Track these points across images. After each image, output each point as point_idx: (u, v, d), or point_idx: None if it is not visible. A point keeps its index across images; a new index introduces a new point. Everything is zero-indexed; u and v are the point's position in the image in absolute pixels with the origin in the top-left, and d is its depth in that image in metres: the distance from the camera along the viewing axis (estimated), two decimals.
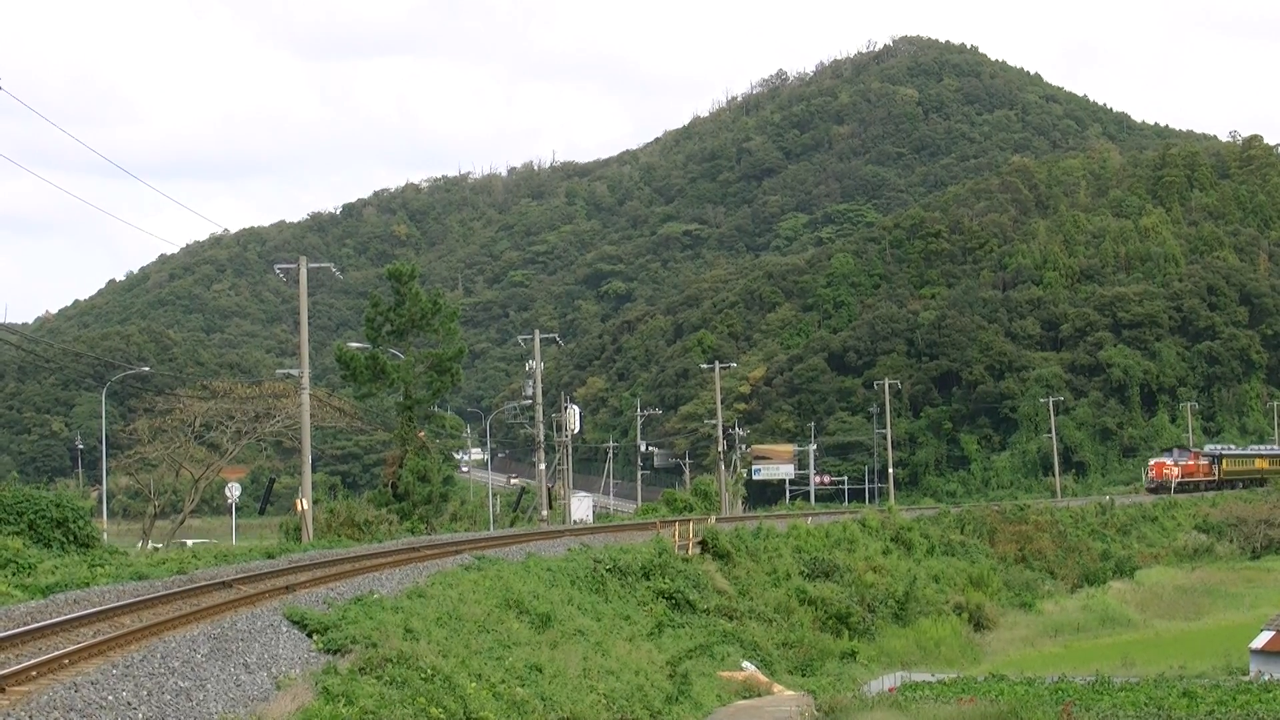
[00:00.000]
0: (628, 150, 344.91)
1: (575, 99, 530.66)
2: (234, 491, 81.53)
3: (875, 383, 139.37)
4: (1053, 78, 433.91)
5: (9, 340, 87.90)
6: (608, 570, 44.24)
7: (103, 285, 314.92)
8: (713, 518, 65.58)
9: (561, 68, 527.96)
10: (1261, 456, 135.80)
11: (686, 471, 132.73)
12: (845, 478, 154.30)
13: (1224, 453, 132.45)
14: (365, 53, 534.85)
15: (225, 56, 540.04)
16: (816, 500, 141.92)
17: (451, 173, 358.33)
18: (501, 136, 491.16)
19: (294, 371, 58.44)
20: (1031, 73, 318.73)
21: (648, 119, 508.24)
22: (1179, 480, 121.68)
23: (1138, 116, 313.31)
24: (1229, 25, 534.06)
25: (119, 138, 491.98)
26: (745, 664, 42.72)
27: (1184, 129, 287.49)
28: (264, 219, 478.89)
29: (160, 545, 54.84)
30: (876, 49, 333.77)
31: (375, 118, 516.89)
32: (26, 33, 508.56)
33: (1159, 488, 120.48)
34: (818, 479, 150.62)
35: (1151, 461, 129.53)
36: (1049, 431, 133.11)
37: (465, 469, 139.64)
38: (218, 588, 28.73)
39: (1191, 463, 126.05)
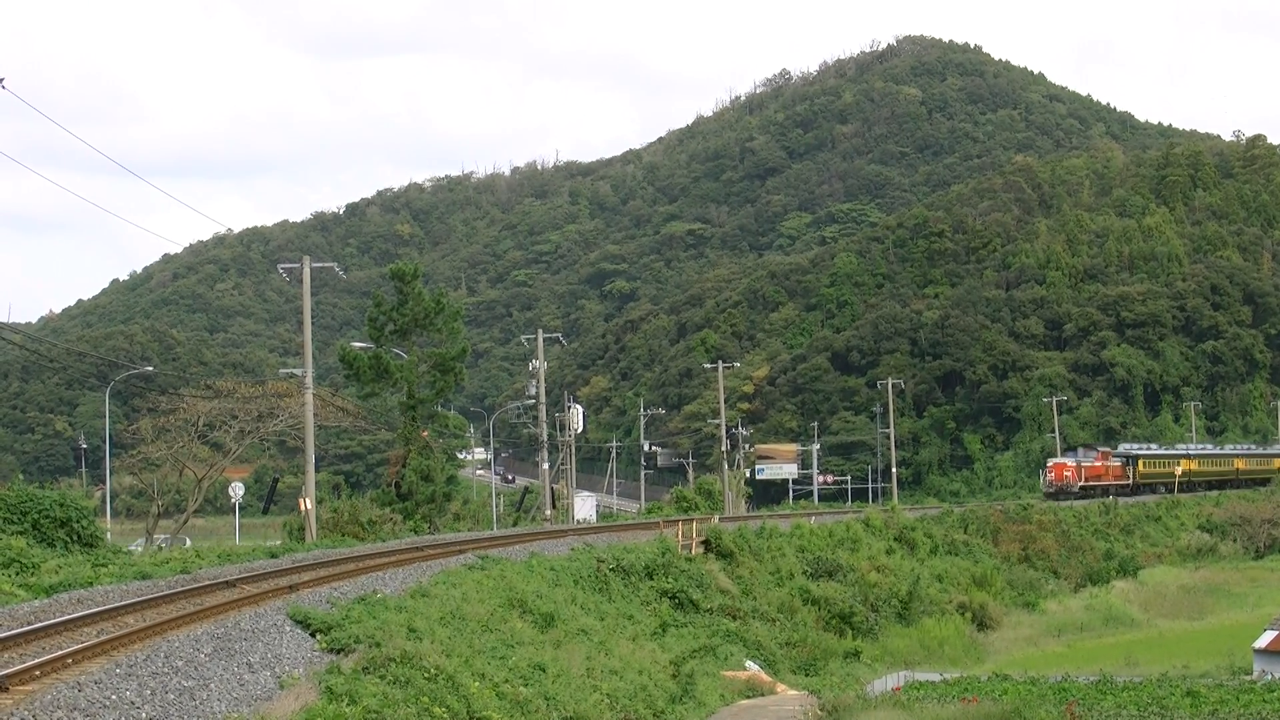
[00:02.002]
0: (631, 149, 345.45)
1: (583, 97, 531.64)
2: (237, 491, 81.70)
3: (879, 382, 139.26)
4: (1056, 77, 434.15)
5: (12, 340, 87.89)
6: (611, 570, 44.24)
7: (106, 285, 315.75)
8: (716, 517, 65.61)
9: (569, 66, 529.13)
10: (1190, 457, 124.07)
11: (690, 471, 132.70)
12: (848, 477, 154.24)
13: (1140, 453, 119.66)
14: (374, 51, 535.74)
15: (234, 55, 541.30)
16: (820, 500, 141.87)
17: (456, 172, 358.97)
18: (510, 135, 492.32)
19: (297, 371, 58.38)
20: (1035, 72, 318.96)
21: (651, 118, 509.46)
22: (1082, 484, 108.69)
23: (1141, 116, 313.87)
24: (1240, 22, 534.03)
25: (128, 136, 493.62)
26: (749, 663, 42.69)
27: (1187, 128, 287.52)
28: (271, 218, 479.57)
29: (162, 544, 54.84)
30: (880, 48, 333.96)
31: (384, 117, 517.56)
32: (36, 31, 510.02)
33: (1058, 492, 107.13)
34: (821, 478, 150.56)
35: (1050, 462, 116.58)
36: (1052, 431, 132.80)
37: (480, 472, 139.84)
38: (221, 587, 28.75)
39: (1098, 464, 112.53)
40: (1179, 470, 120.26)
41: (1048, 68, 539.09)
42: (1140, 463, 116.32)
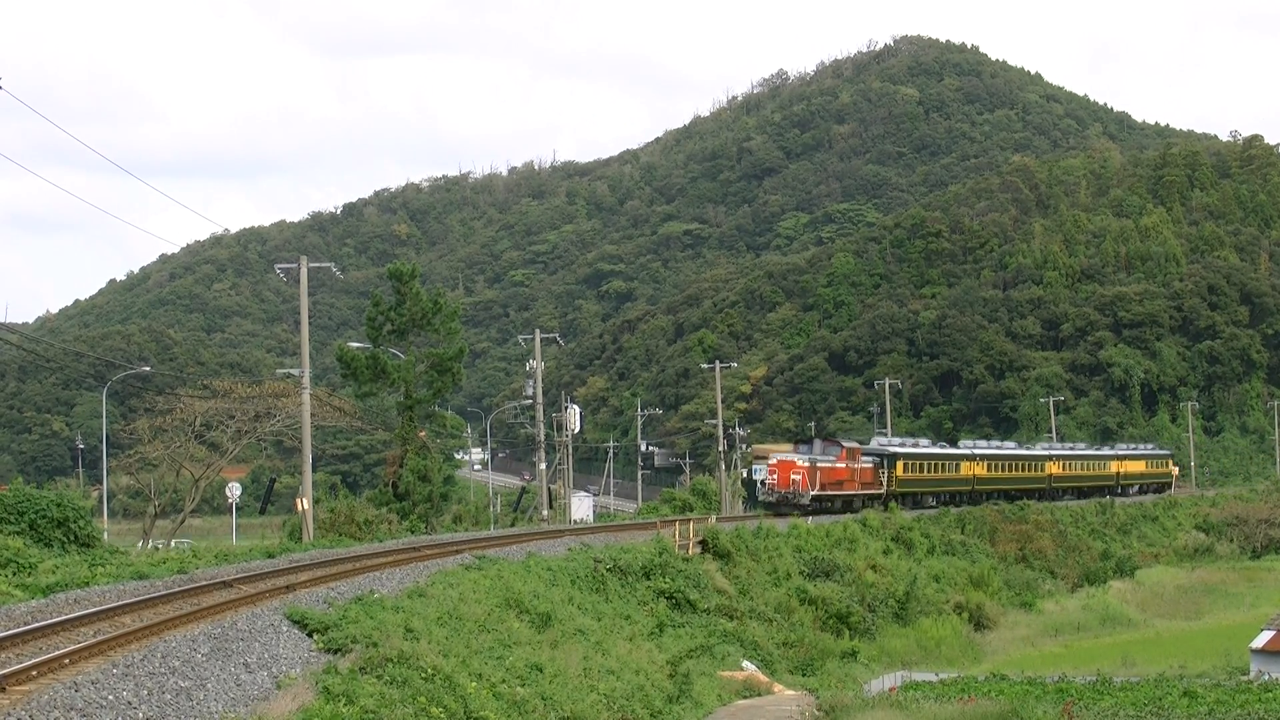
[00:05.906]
0: (629, 150, 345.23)
1: (584, 98, 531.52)
2: (234, 491, 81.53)
3: (876, 382, 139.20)
4: (1054, 77, 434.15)
5: (9, 340, 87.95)
6: (608, 570, 44.22)
7: (103, 285, 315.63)
8: (713, 517, 65.56)
9: (574, 66, 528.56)
10: (977, 459, 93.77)
11: (687, 471, 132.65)
12: None
13: (901, 451, 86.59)
14: (385, 50, 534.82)
15: (244, 54, 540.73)
16: None
17: (453, 172, 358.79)
18: (515, 135, 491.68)
19: (295, 371, 58.39)
20: (1032, 72, 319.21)
21: (649, 118, 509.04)
22: (815, 491, 75.40)
23: (1138, 116, 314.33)
24: (1239, 22, 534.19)
25: (137, 135, 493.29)
26: (746, 664, 42.71)
27: (1184, 128, 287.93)
28: (271, 218, 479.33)
29: (161, 544, 54.87)
30: (877, 48, 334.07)
31: (394, 116, 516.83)
32: (47, 30, 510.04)
33: (780, 501, 74.50)
34: None
35: (772, 459, 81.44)
36: (1050, 431, 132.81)
37: (478, 469, 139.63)
38: (218, 587, 28.74)
39: (840, 465, 78.20)
40: (962, 476, 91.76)
41: (1045, 68, 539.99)
42: (899, 465, 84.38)
